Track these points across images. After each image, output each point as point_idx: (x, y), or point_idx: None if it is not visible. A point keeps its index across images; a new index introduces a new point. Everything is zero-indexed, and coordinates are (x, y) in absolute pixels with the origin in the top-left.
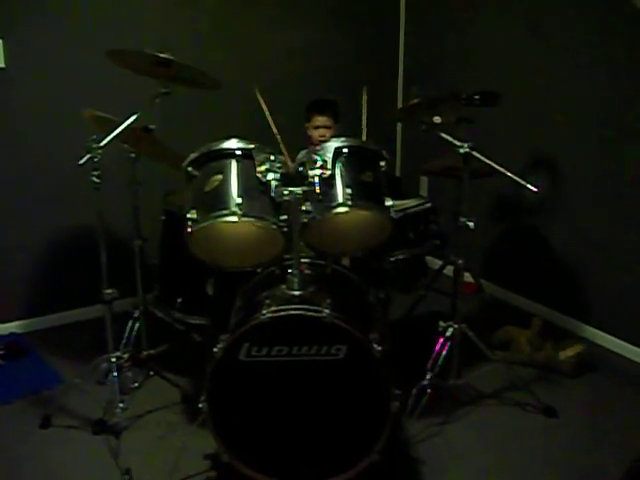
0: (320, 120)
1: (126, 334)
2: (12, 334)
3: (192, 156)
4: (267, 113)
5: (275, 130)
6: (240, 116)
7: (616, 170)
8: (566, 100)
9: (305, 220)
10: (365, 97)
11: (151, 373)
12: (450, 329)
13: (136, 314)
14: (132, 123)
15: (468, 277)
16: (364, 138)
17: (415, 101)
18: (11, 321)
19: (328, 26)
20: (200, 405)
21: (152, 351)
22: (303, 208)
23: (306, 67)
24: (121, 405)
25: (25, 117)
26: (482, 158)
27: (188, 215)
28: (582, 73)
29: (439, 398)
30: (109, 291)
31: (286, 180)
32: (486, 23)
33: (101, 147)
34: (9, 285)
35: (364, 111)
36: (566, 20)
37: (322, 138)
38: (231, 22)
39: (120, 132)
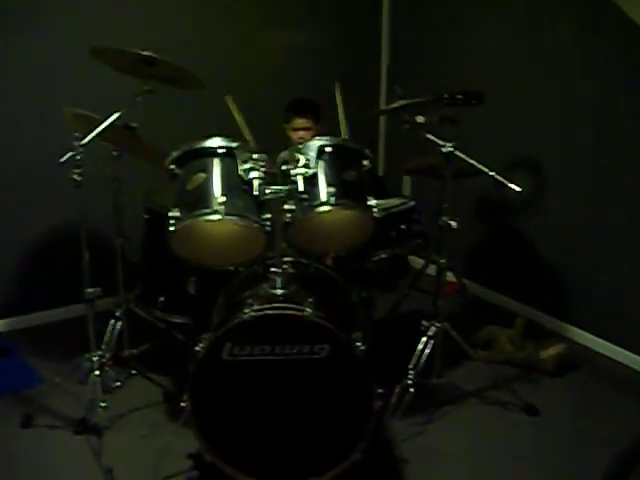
0: (299, 122)
1: (108, 333)
2: None
3: (175, 154)
4: (239, 120)
5: (249, 137)
6: (223, 115)
7: (599, 170)
8: (550, 100)
9: (288, 219)
10: (339, 93)
11: (133, 372)
12: (433, 328)
13: (118, 313)
14: (114, 121)
15: (451, 276)
16: (344, 136)
17: (396, 104)
18: None
19: (310, 25)
20: (182, 404)
21: (134, 350)
22: (286, 207)
23: (288, 66)
24: (103, 404)
25: (6, 115)
26: (465, 158)
27: (170, 213)
28: (566, 73)
29: (422, 397)
30: (91, 290)
31: (269, 179)
32: (471, 22)
33: (82, 145)
34: None
35: (340, 109)
36: (551, 20)
37: (301, 141)
38: (214, 21)
39: (102, 130)
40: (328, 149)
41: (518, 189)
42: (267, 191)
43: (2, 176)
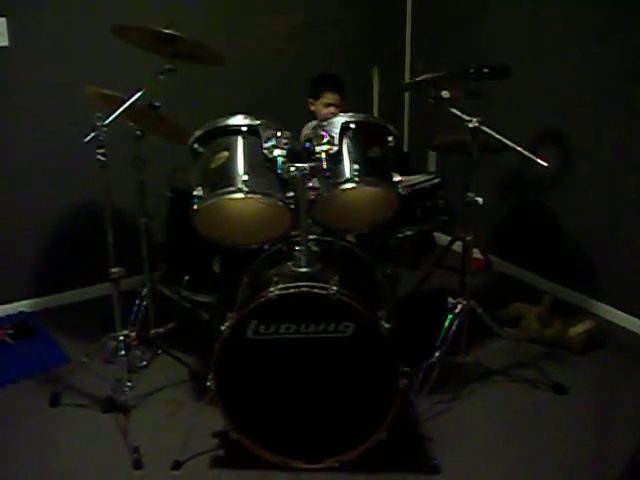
0: (332, 97)
1: (133, 312)
2: (21, 313)
3: (198, 133)
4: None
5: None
6: (246, 92)
7: (627, 145)
8: (577, 74)
9: (312, 197)
10: (376, 76)
11: (159, 351)
12: (459, 305)
13: (143, 292)
14: (137, 100)
15: (477, 253)
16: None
17: (421, 78)
18: (20, 300)
19: (333, 1)
20: (208, 383)
21: (160, 329)
22: (310, 184)
23: (311, 43)
24: (129, 383)
25: (29, 95)
26: (491, 132)
27: (194, 192)
28: (592, 47)
29: (447, 375)
30: (116, 269)
31: (293, 156)
32: None
33: (106, 125)
34: (17, 264)
35: (376, 91)
36: None
37: (331, 116)
38: None
39: (125, 109)
40: (352, 126)
41: (545, 164)
42: (291, 169)
43: (27, 156)
